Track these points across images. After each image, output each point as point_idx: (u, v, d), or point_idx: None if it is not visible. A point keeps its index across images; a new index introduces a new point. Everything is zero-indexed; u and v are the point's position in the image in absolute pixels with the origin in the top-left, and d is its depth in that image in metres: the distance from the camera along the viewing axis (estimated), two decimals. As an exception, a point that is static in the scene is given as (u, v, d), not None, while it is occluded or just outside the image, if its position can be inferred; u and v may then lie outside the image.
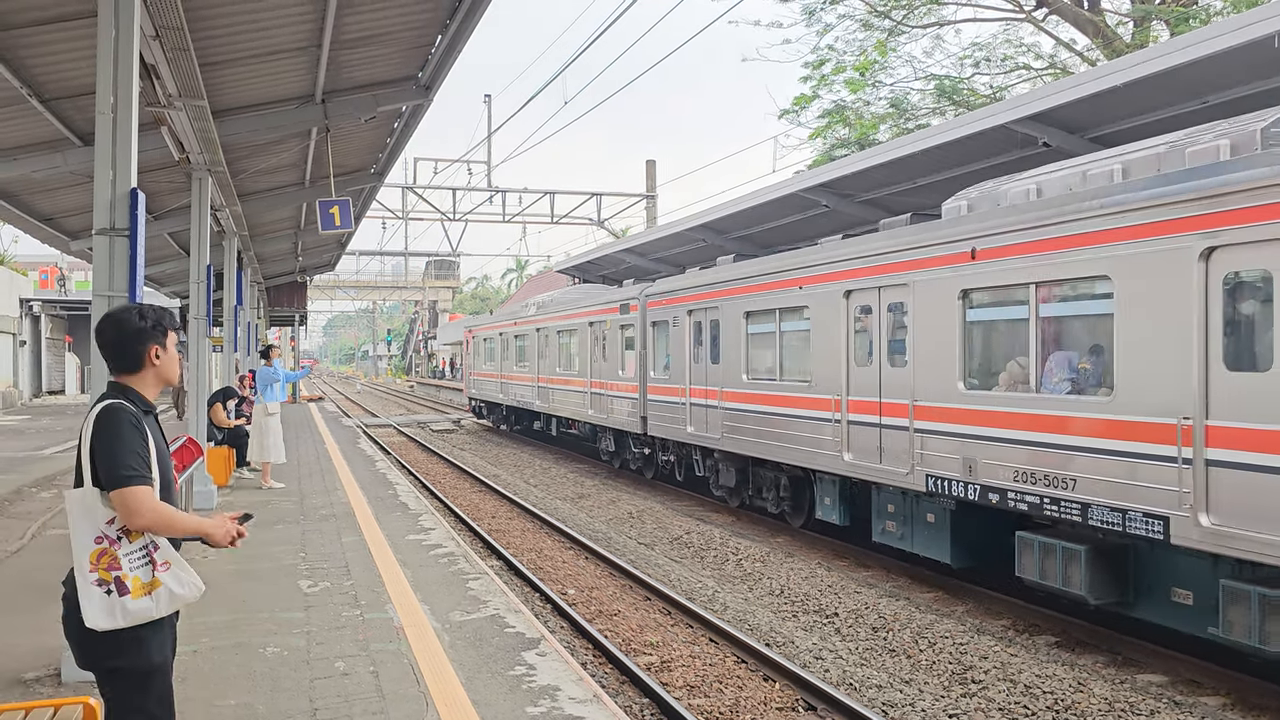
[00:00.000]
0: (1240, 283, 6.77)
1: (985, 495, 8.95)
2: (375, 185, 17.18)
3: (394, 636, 6.64)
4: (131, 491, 3.11)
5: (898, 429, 10.21)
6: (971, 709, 7.01)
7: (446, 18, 9.24)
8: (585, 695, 5.56)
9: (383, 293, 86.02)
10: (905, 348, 10.21)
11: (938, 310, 9.64)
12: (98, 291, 5.76)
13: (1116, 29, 24.95)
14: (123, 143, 5.77)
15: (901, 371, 10.24)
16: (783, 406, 12.58)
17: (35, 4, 7.27)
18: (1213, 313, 6.88)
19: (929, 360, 9.79)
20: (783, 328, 12.82)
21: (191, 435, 11.35)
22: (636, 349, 17.56)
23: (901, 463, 10.10)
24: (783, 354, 12.84)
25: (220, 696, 5.42)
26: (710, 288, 14.80)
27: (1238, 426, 6.68)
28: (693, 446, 15.79)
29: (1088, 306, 8.26)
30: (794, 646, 8.46)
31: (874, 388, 10.70)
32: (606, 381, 19.28)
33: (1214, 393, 6.85)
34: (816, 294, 11.78)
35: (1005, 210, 9.12)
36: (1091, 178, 8.59)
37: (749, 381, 13.52)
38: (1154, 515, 7.27)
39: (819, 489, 12.21)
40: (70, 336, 42.39)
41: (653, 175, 37.07)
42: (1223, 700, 7.18)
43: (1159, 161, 8.02)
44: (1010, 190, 9.55)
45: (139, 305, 3.50)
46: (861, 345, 11.04)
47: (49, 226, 15.12)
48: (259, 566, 8.80)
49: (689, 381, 15.36)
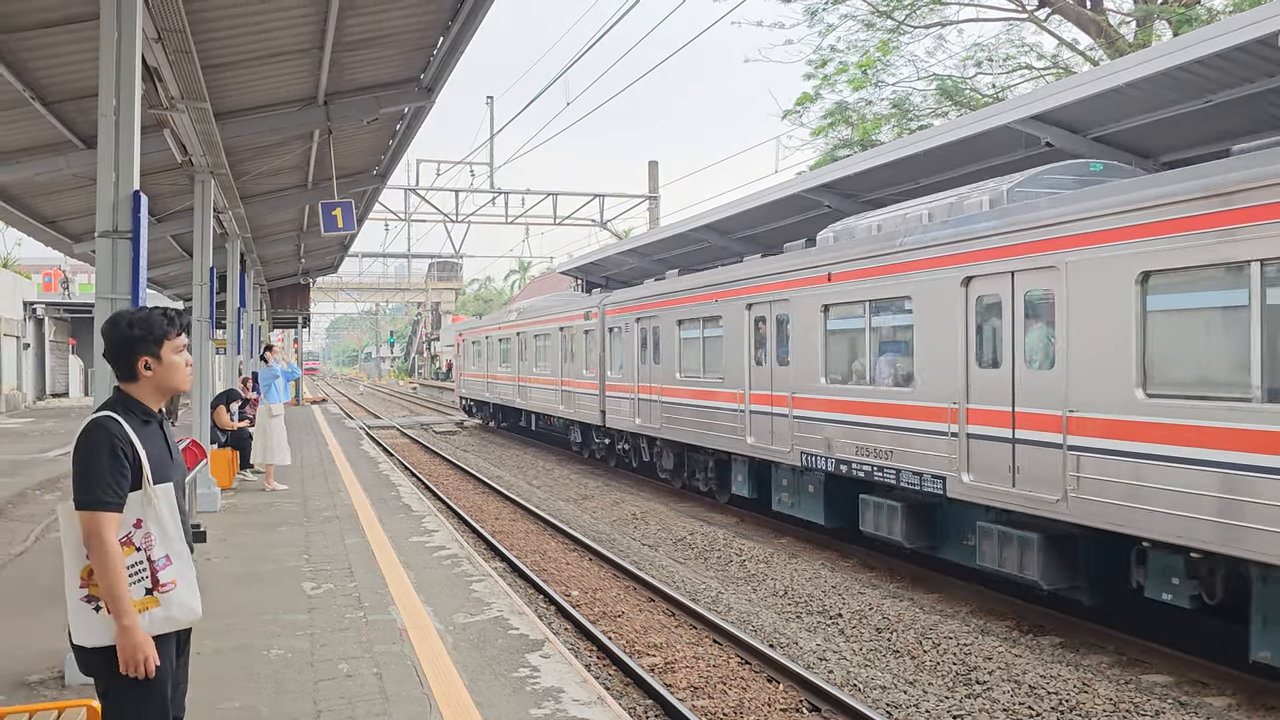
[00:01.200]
0: (986, 304, 9.22)
1: (839, 467, 11.35)
2: (378, 187, 17.19)
3: (397, 638, 6.64)
4: (93, 517, 3.04)
5: (782, 416, 12.61)
6: (976, 710, 7.00)
7: (448, 19, 9.24)
8: (589, 697, 5.55)
9: (386, 294, 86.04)
10: (789, 351, 12.52)
11: (808, 320, 12.07)
12: (100, 294, 5.76)
13: (1119, 28, 24.92)
14: (125, 145, 5.77)
15: (785, 369, 12.58)
16: (705, 400, 14.96)
17: (38, 6, 7.28)
18: (970, 326, 9.34)
19: (802, 360, 12.19)
20: (705, 334, 15.23)
21: (195, 438, 11.38)
22: (597, 351, 20.06)
23: (786, 444, 12.45)
24: (705, 356, 15.21)
25: (224, 698, 5.42)
26: (652, 299, 17.33)
27: (979, 408, 9.19)
28: (640, 435, 18.27)
29: (899, 320, 10.59)
30: (798, 648, 8.44)
31: (768, 383, 13.02)
32: (574, 380, 21.77)
33: (971, 384, 9.29)
34: (727, 306, 14.19)
35: (852, 243, 11.49)
36: (908, 219, 10.80)
37: (681, 379, 15.91)
38: (938, 476, 9.66)
39: (735, 468, 14.41)
40: (74, 339, 42.42)
41: (655, 176, 37.06)
42: (1229, 701, 7.16)
43: (949, 210, 10.28)
44: (859, 226, 11.78)
45: (132, 312, 3.37)
46: (759, 348, 13.35)
47: (52, 229, 15.13)
48: (262, 568, 8.80)
49: (637, 379, 17.80)
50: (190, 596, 3.22)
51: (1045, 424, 8.35)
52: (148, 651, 3.07)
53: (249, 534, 10.52)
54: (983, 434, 9.10)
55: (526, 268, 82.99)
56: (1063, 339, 8.22)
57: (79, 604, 3.09)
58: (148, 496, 3.17)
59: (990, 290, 9.13)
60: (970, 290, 9.32)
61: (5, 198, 12.87)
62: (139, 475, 3.15)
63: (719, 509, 15.44)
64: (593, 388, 20.35)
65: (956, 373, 9.41)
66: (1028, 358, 8.67)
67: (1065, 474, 8.11)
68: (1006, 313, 8.88)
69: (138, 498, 3.15)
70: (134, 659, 3.05)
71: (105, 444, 3.11)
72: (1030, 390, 8.55)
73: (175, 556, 3.21)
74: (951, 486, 9.44)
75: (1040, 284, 8.51)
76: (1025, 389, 8.63)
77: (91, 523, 3.04)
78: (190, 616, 3.22)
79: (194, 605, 3.23)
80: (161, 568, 3.16)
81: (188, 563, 3.26)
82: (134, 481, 3.15)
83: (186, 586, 3.22)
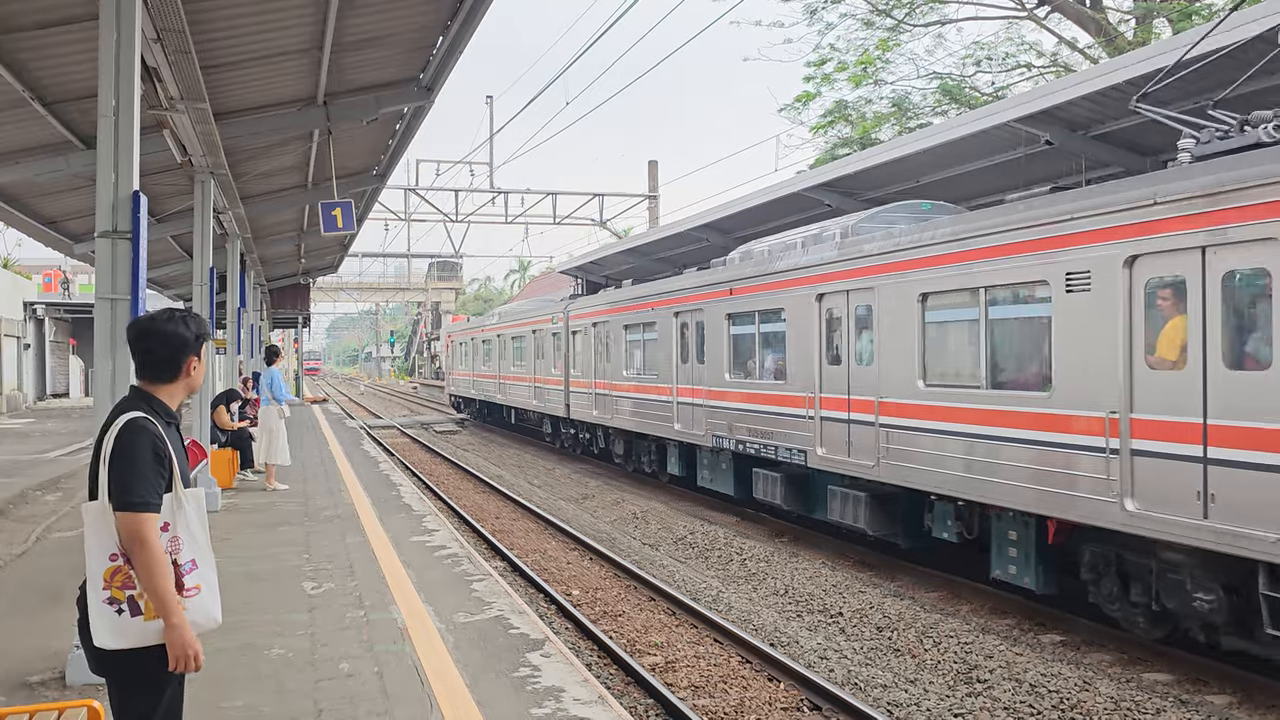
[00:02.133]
0: (832, 315, 11.65)
1: (738, 445, 13.82)
2: (377, 187, 17.19)
3: (398, 638, 6.64)
4: (138, 518, 3.03)
5: (700, 406, 15.14)
6: (977, 708, 7.00)
7: (448, 19, 9.23)
8: (590, 696, 5.56)
9: (386, 294, 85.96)
10: (703, 351, 15.00)
11: (717, 326, 14.58)
12: (100, 294, 5.76)
13: (1119, 26, 24.92)
14: (125, 146, 5.76)
15: (702, 367, 15.04)
16: (646, 394, 17.47)
17: (37, 7, 7.27)
18: (822, 332, 11.81)
19: (714, 358, 14.69)
20: (645, 337, 17.67)
21: (195, 438, 11.38)
22: (562, 352, 22.55)
23: (703, 429, 14.98)
24: (645, 356, 17.70)
25: (226, 698, 5.42)
26: (605, 307, 19.73)
27: (828, 396, 11.64)
28: (598, 425, 20.81)
29: (777, 326, 12.99)
30: (798, 646, 8.45)
31: (690, 378, 15.51)
32: (544, 378, 24.28)
33: (823, 377, 11.78)
34: (659, 314, 16.82)
35: (749, 264, 14.02)
36: (788, 245, 13.24)
37: (626, 376, 18.40)
38: (802, 450, 12.14)
39: (669, 452, 17.05)
40: (74, 339, 42.42)
41: (655, 176, 37.04)
42: (1229, 699, 7.16)
43: (814, 239, 12.61)
44: (756, 249, 14.32)
45: (184, 313, 3.37)
46: (683, 349, 15.86)
47: (52, 230, 15.12)
48: (263, 568, 8.80)
49: (594, 376, 20.23)
50: (213, 603, 3.23)
51: (867, 408, 10.88)
52: (196, 647, 3.10)
53: (250, 534, 10.53)
54: (830, 416, 11.63)
55: (526, 267, 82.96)
56: (878, 343, 10.69)
57: (101, 606, 3.06)
58: (178, 500, 3.17)
59: (835, 305, 11.61)
60: (822, 304, 11.83)
61: (5, 198, 12.86)
62: (170, 478, 3.16)
63: (720, 508, 15.47)
64: (559, 384, 22.84)
65: (813, 369, 11.91)
66: (858, 357, 11.14)
67: (878, 445, 10.59)
68: (844, 322, 11.39)
69: (168, 501, 3.15)
70: (184, 654, 3.07)
71: (148, 445, 3.11)
72: (859, 382, 11.06)
73: (201, 561, 3.21)
74: (811, 459, 11.96)
75: (865, 301, 11.00)
76: (856, 381, 11.11)
77: (134, 524, 3.03)
78: (211, 624, 3.22)
79: (215, 612, 3.24)
80: (187, 572, 3.16)
81: (212, 568, 3.26)
82: (166, 484, 3.15)
83: (210, 592, 3.22)
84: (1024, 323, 9.06)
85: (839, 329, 11.47)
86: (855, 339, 11.18)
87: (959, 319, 9.71)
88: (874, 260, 10.77)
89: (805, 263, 12.17)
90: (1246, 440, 6.71)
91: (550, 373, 23.60)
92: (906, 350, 10.18)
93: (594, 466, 21.64)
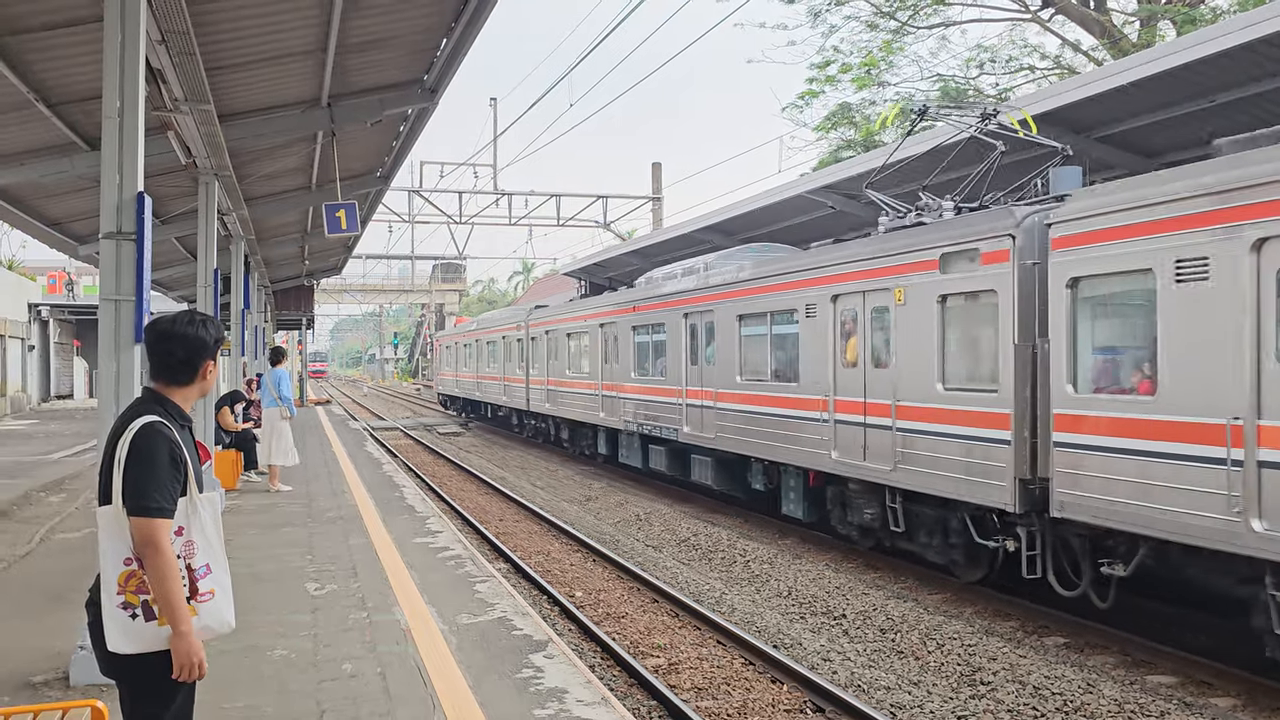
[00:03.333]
0: (693, 327, 15.53)
1: (640, 428, 17.79)
2: (381, 189, 17.22)
3: (401, 639, 6.64)
4: (152, 524, 3.03)
5: (617, 398, 19.00)
6: (980, 710, 6.98)
7: (451, 21, 9.25)
8: (593, 698, 5.55)
9: (389, 296, 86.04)
10: (618, 355, 19.00)
11: (626, 337, 18.58)
12: (104, 295, 5.77)
13: (1123, 29, 24.89)
14: (129, 147, 5.77)
15: (618, 367, 18.95)
16: (580, 389, 21.60)
17: (42, 9, 7.30)
18: (686, 341, 15.73)
19: (623, 362, 18.70)
20: (583, 343, 21.71)
21: (199, 439, 11.39)
22: (526, 354, 26.67)
23: (619, 416, 18.89)
24: (582, 358, 21.75)
25: (228, 699, 5.42)
26: (553, 316, 24.37)
27: (692, 388, 15.47)
28: (550, 416, 25.11)
29: (661, 336, 17.00)
30: (802, 648, 8.43)
31: (612, 376, 19.32)
32: (511, 377, 28.49)
33: (687, 374, 15.67)
34: (589, 324, 21.00)
35: (648, 287, 18.30)
36: (669, 273, 17.66)
37: (569, 375, 22.53)
38: (675, 428, 16.11)
39: (599, 437, 21.05)
40: (79, 341, 42.48)
41: (658, 177, 37.06)
42: (1234, 702, 7.14)
43: (684, 270, 16.79)
44: (655, 274, 18.60)
45: (204, 317, 3.37)
46: (605, 353, 19.81)
47: (57, 231, 15.16)
48: (266, 569, 8.81)
49: (548, 374, 24.36)
50: (226, 608, 3.22)
51: (709, 396, 14.87)
52: (201, 656, 3.09)
53: (253, 535, 10.53)
54: (692, 404, 15.52)
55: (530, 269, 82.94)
56: (716, 348, 14.68)
57: (115, 610, 3.06)
58: (194, 505, 3.16)
59: (699, 320, 15.42)
60: (687, 320, 15.83)
61: (10, 200, 12.89)
62: (185, 482, 3.15)
63: (723, 510, 15.49)
64: (521, 382, 27.03)
65: (681, 368, 15.88)
66: (707, 359, 15.04)
67: (705, 422, 14.91)
68: (699, 333, 15.40)
69: (183, 505, 3.15)
70: (189, 663, 3.06)
71: (164, 449, 3.10)
72: (706, 377, 15.02)
73: (216, 565, 3.20)
74: (680, 435, 15.92)
75: (708, 319, 14.96)
76: (705, 377, 15.07)
77: (148, 529, 3.02)
78: (224, 629, 3.22)
79: (228, 617, 3.23)
80: (201, 576, 3.15)
81: (226, 572, 3.26)
82: (181, 488, 3.15)
83: (224, 596, 3.21)
84: (781, 338, 13.05)
85: (700, 337, 15.32)
86: (705, 346, 15.17)
87: (757, 333, 13.66)
88: (714, 289, 14.82)
89: (676, 288, 16.51)
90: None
91: (515, 372, 27.62)
92: (728, 353, 14.31)
93: (596, 469, 21.65)
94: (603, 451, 20.87)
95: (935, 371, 9.83)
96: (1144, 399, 7.51)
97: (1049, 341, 8.37)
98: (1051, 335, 8.34)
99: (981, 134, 10.67)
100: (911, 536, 10.56)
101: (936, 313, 9.81)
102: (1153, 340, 7.46)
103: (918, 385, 10.06)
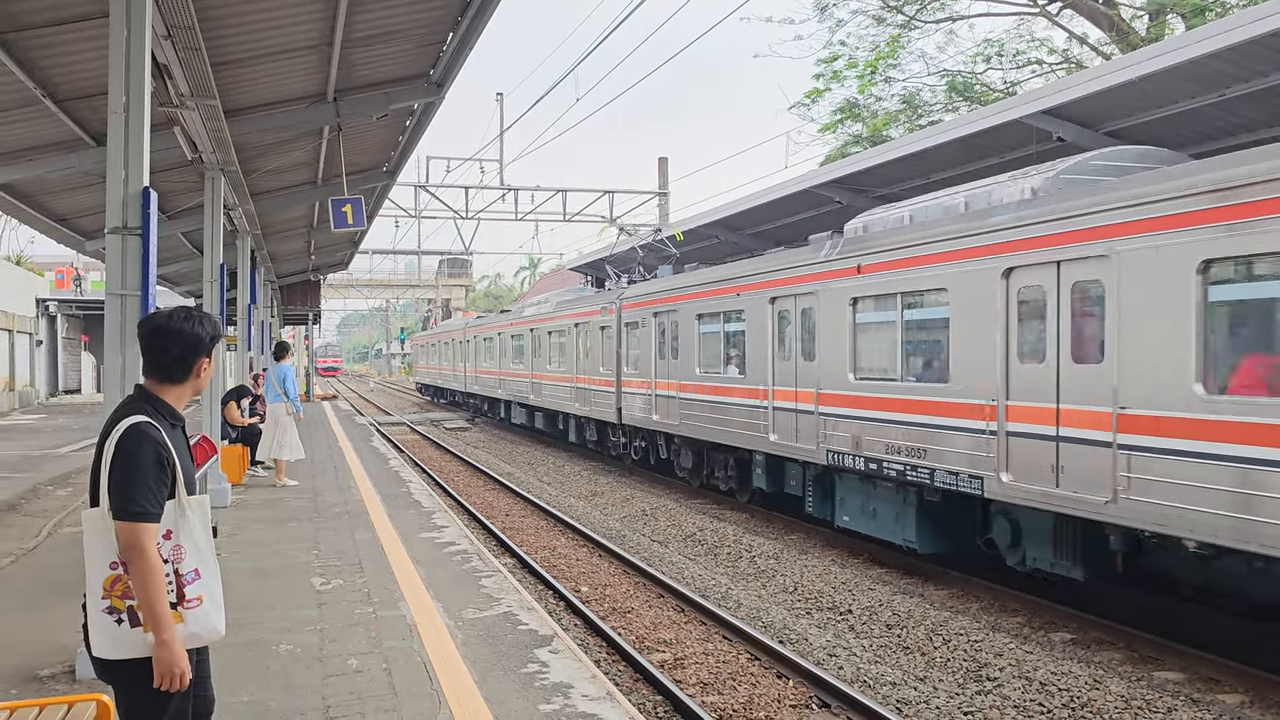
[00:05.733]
0: (661, 325, 17.36)
1: (590, 413, 20.99)
2: (388, 184, 17.20)
3: (407, 634, 6.65)
4: (137, 528, 2.94)
5: (594, 390, 20.87)
6: (986, 706, 6.97)
7: (458, 15, 9.23)
8: (598, 693, 5.55)
9: (396, 291, 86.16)
10: (572, 354, 22.18)
11: (594, 335, 20.98)
12: (110, 290, 5.77)
13: (1132, 23, 24.76)
14: (135, 142, 5.77)
15: (584, 360, 21.42)
16: (558, 381, 23.91)
17: (48, 5, 7.30)
18: (652, 339, 17.60)
19: (588, 360, 21.30)
20: (560, 341, 23.88)
21: (205, 434, 11.40)
22: (505, 351, 30.31)
23: (598, 407, 20.65)
24: (559, 354, 24.02)
25: (233, 694, 5.42)
26: (529, 319, 27.04)
27: (667, 382, 16.84)
28: (530, 406, 27.51)
29: (639, 333, 18.30)
30: (808, 644, 8.43)
31: (585, 370, 21.51)
32: (488, 369, 32.91)
33: (658, 371, 17.26)
34: (567, 324, 23.19)
35: (617, 289, 20.53)
36: (623, 285, 20.20)
37: (547, 370, 24.95)
38: (611, 410, 19.43)
39: (571, 423, 23.63)
40: (86, 336, 42.62)
41: (665, 172, 36.93)
42: (1241, 698, 7.11)
43: (642, 277, 20.03)
44: (631, 289, 19.70)
45: (200, 313, 3.27)
46: (580, 352, 21.97)
47: (64, 227, 15.20)
48: (272, 564, 8.83)
49: (528, 370, 27.16)
50: (215, 615, 3.14)
51: (670, 387, 16.56)
52: (184, 666, 3.00)
53: (259, 529, 10.56)
54: (650, 394, 17.44)
55: (536, 264, 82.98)
56: (682, 344, 16.18)
57: (100, 616, 3.00)
58: (181, 508, 3.09)
59: (670, 319, 16.77)
60: (656, 320, 17.35)
61: (18, 195, 12.93)
62: (174, 485, 3.07)
63: (730, 505, 15.47)
64: (496, 374, 31.31)
65: (651, 363, 17.41)
66: (660, 354, 17.19)
67: (671, 410, 16.45)
68: (664, 329, 17.15)
69: (171, 508, 3.06)
70: (170, 674, 2.98)
71: (150, 452, 3.01)
72: (664, 371, 16.82)
73: (204, 571, 3.12)
74: (617, 416, 19.20)
75: (671, 318, 16.65)
76: (660, 372, 17.05)
77: (132, 534, 2.94)
78: (213, 636, 3.15)
79: (218, 624, 3.15)
80: (189, 582, 3.08)
81: (216, 579, 3.17)
82: (169, 491, 3.06)
83: (212, 603, 3.13)
84: (731, 334, 14.63)
85: (672, 335, 16.77)
86: (671, 340, 16.81)
87: (714, 330, 15.12)
88: (677, 292, 16.52)
89: (643, 289, 18.46)
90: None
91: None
92: (692, 348, 15.76)
93: (605, 464, 21.66)
94: (570, 437, 23.94)
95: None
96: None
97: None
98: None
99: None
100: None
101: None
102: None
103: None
